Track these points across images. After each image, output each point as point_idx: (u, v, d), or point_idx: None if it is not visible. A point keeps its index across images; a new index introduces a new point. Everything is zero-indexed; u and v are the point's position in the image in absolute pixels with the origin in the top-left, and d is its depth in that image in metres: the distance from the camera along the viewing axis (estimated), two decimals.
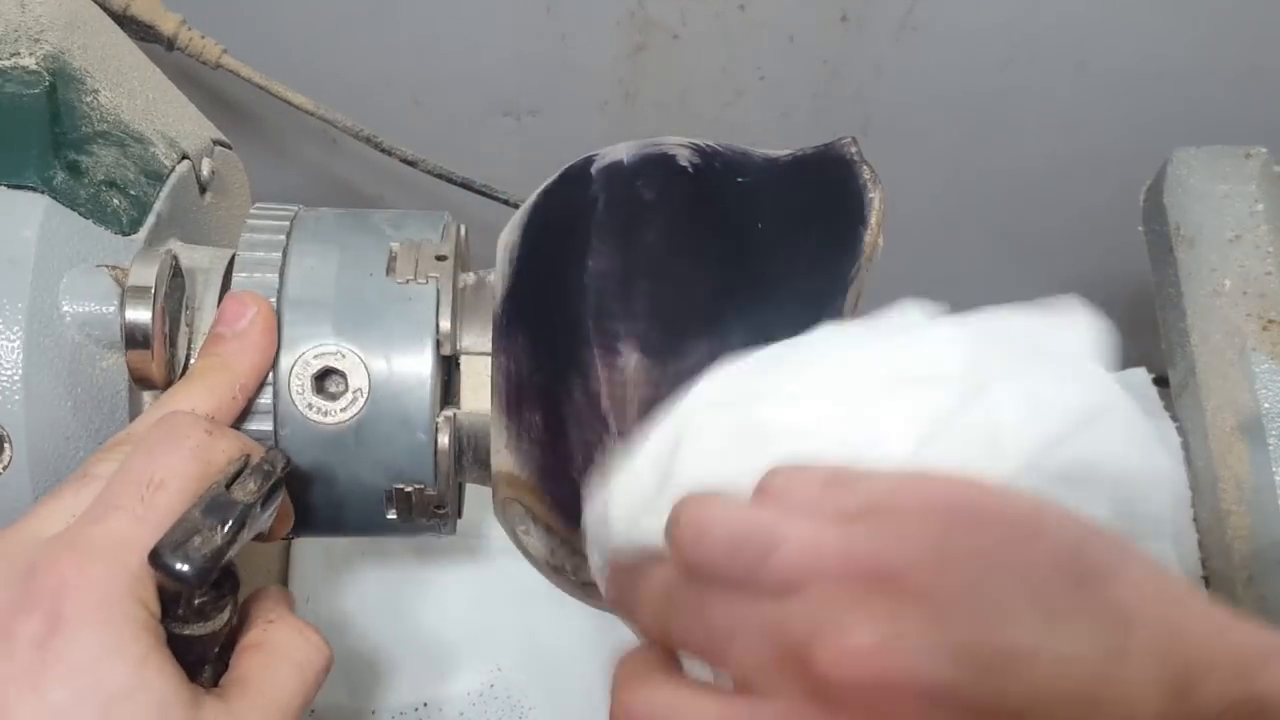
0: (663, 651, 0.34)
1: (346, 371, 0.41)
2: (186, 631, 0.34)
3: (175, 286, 0.42)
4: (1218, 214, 0.64)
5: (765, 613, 0.30)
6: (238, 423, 0.41)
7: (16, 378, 0.40)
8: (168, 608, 0.33)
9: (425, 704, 0.60)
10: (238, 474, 0.35)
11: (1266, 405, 0.59)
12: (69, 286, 0.41)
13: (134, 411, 0.43)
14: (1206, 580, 0.61)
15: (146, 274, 0.41)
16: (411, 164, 0.71)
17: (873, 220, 0.41)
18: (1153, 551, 0.64)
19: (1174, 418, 0.66)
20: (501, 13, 0.78)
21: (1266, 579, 0.57)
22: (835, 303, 0.41)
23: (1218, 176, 0.65)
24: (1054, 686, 0.28)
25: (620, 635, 0.62)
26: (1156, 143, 0.68)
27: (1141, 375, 0.70)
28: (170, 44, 0.66)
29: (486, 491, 0.45)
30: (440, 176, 0.72)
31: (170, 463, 0.34)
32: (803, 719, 0.29)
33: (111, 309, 0.41)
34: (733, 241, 0.41)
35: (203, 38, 0.66)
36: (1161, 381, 0.68)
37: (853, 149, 0.43)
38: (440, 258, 0.43)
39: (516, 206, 0.47)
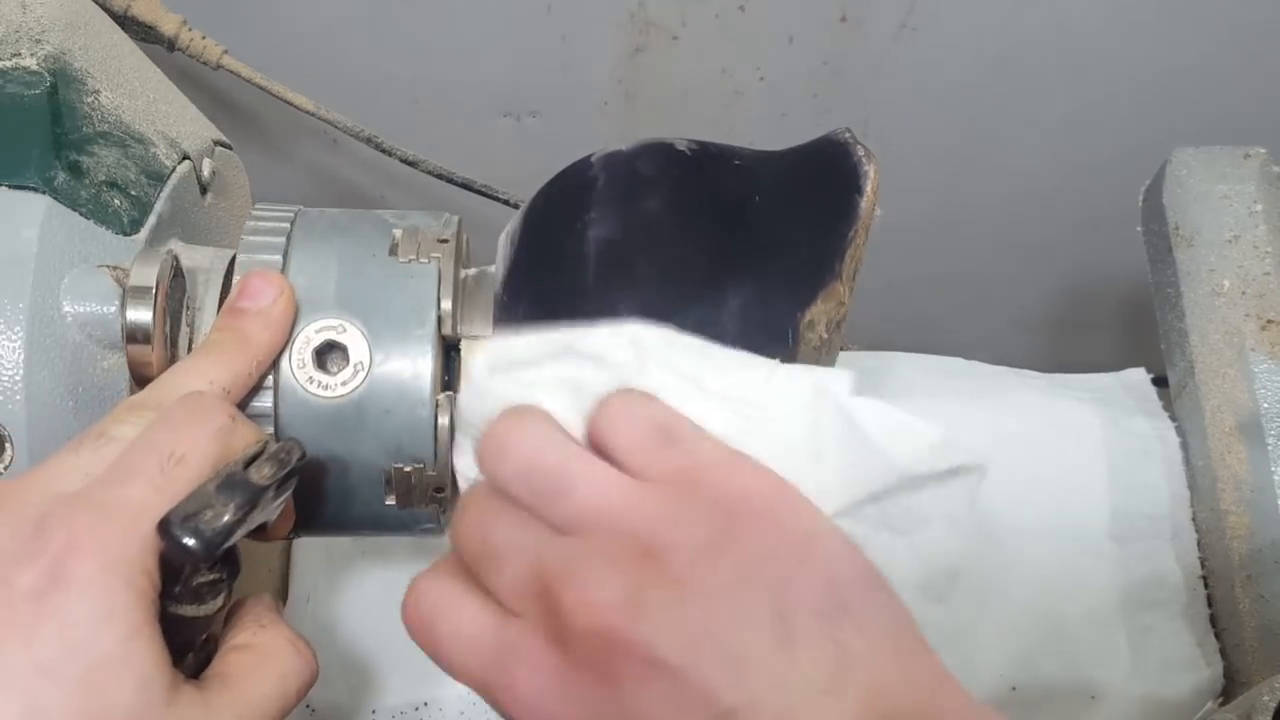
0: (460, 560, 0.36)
1: (348, 345, 0.41)
2: (180, 611, 0.34)
3: (176, 287, 0.42)
4: (1216, 214, 0.64)
5: (540, 544, 0.33)
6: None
7: (18, 378, 0.40)
8: (166, 584, 0.33)
9: (425, 703, 0.60)
10: (254, 458, 0.35)
11: (1265, 405, 0.59)
12: (70, 287, 0.41)
13: None
14: (1205, 580, 0.61)
15: (147, 274, 0.41)
16: (411, 164, 0.71)
17: (868, 189, 0.42)
18: (1151, 551, 0.64)
19: (1173, 418, 0.66)
20: (501, 13, 0.78)
21: (1265, 579, 0.57)
22: (833, 266, 0.41)
23: (1216, 177, 0.65)
24: (766, 700, 0.30)
25: None
26: (1156, 143, 0.68)
27: (1140, 375, 0.70)
28: (171, 45, 0.66)
29: None
30: (440, 177, 0.72)
31: (194, 439, 0.35)
32: (536, 649, 0.32)
33: (112, 309, 0.41)
34: (730, 210, 0.42)
35: (203, 38, 0.66)
36: (1160, 381, 0.68)
37: (847, 134, 0.44)
38: (442, 241, 0.43)
39: (516, 207, 0.47)
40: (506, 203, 0.72)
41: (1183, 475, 0.63)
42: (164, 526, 0.32)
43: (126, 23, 0.63)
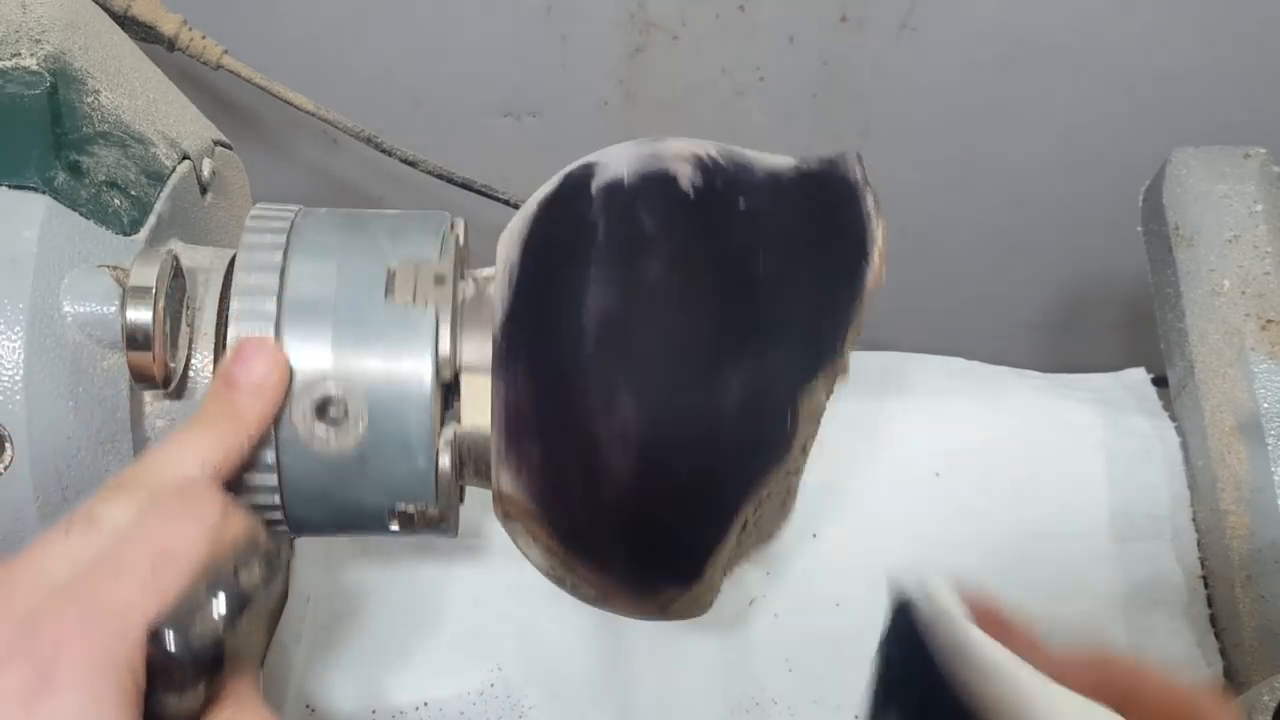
0: None
1: (347, 398, 0.41)
2: (163, 707, 0.34)
3: (176, 287, 0.42)
4: (1216, 214, 0.64)
5: None
6: None
7: (18, 378, 0.40)
8: (151, 679, 0.33)
9: (425, 704, 0.60)
10: (245, 552, 0.35)
11: (1265, 405, 0.59)
12: (70, 287, 0.41)
13: (135, 411, 0.43)
14: (1205, 580, 0.61)
15: (147, 274, 0.41)
16: (411, 164, 0.72)
17: (875, 255, 0.41)
18: (1151, 551, 0.64)
19: (1173, 418, 0.66)
20: (501, 13, 0.78)
21: (1265, 579, 0.57)
22: (835, 345, 0.41)
23: (1217, 177, 0.65)
24: None
25: (620, 635, 0.62)
26: (1156, 143, 0.68)
27: (1140, 375, 0.70)
28: (171, 45, 0.66)
29: (487, 491, 0.45)
30: (440, 177, 0.72)
31: (187, 535, 0.34)
32: None
33: (112, 309, 0.41)
34: (734, 276, 0.41)
35: (203, 38, 0.67)
36: (1160, 381, 0.68)
37: (857, 170, 0.43)
38: (439, 278, 0.43)
39: (516, 207, 0.47)
40: (507, 203, 0.72)
41: (1183, 475, 0.63)
42: (154, 636, 0.32)
43: (126, 23, 0.63)
